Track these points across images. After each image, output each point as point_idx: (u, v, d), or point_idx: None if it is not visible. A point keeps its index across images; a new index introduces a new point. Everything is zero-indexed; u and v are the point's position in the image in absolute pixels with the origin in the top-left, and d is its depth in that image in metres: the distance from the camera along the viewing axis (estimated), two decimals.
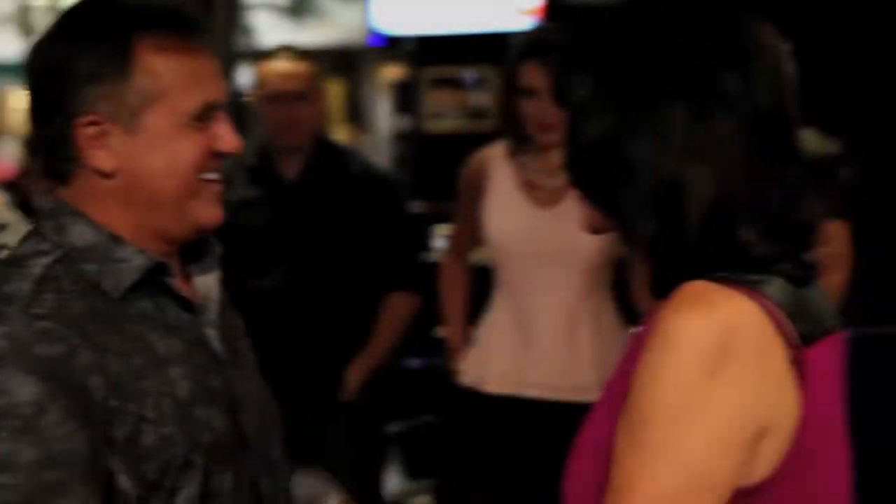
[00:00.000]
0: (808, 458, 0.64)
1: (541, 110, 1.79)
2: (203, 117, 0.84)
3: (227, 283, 0.96)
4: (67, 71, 0.82)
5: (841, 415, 0.72)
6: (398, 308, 2.24)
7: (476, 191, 1.97)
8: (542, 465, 0.85)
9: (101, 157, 0.81)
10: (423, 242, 2.57)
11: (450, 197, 2.19)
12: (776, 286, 0.65)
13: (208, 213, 0.86)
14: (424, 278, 2.26)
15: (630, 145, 0.66)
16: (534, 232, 1.86)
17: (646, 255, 0.71)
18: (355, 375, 2.19)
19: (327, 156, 2.32)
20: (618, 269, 1.88)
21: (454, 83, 4.37)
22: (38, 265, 0.81)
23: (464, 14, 4.99)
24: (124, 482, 0.79)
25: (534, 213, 1.89)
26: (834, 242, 2.29)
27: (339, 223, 2.19)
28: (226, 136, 0.85)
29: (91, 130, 0.80)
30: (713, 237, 0.66)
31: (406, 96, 5.46)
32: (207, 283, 0.91)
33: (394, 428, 2.69)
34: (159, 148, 0.82)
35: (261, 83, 2.35)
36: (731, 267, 0.65)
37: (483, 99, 4.10)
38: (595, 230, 0.74)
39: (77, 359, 0.76)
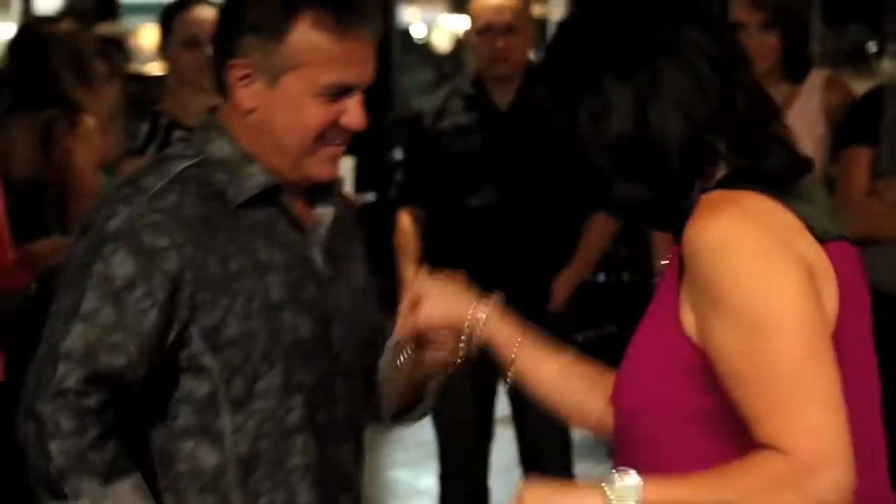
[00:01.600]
0: (844, 328, 0.73)
1: None
2: (336, 94, 0.93)
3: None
4: (238, 16, 0.94)
5: (869, 307, 0.80)
6: (600, 227, 2.46)
7: None
8: None
9: (243, 96, 0.94)
10: None
11: None
12: (776, 190, 0.74)
13: (320, 170, 0.96)
14: None
15: (580, 126, 0.78)
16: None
17: (638, 214, 0.85)
18: (563, 287, 2.44)
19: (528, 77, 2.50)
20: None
21: None
22: (177, 167, 0.96)
23: None
24: (208, 360, 0.92)
25: None
26: None
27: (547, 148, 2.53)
28: (353, 115, 0.95)
29: (240, 72, 0.93)
30: (692, 163, 0.75)
31: None
32: (325, 214, 1.01)
33: (581, 336, 3.00)
34: (289, 108, 0.93)
35: (473, 17, 2.56)
36: (725, 182, 0.76)
37: None
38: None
39: (177, 253, 0.89)
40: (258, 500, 0.96)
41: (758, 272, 0.69)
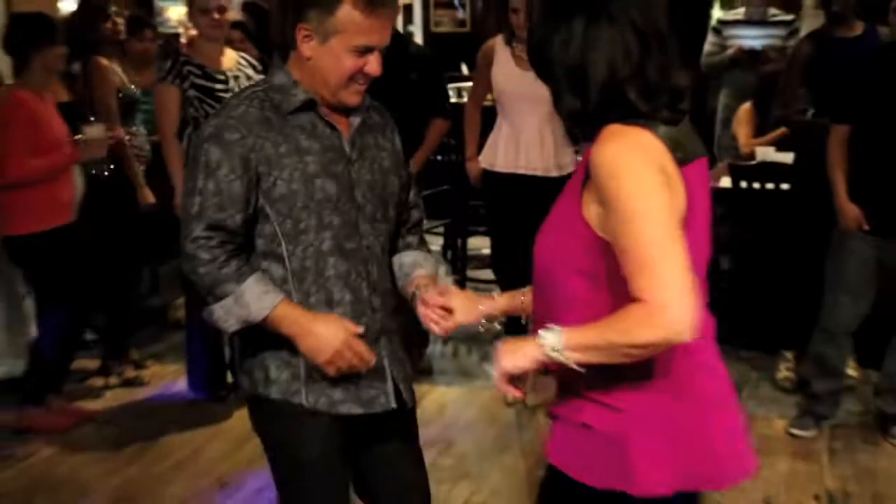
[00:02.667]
0: (692, 223, 1.08)
1: (520, 20, 3.01)
2: (363, 52, 1.38)
3: None
4: None
5: (709, 207, 1.19)
6: (437, 127, 3.21)
7: (488, 62, 3.21)
8: (533, 223, 1.30)
9: (304, 48, 1.38)
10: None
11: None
12: (659, 127, 1.07)
13: (350, 98, 1.43)
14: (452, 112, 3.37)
15: (552, 47, 1.11)
16: (520, 84, 2.97)
17: (577, 119, 1.15)
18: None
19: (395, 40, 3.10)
20: None
21: (450, 5, 7.33)
22: (250, 90, 1.47)
23: None
24: (268, 210, 1.42)
25: (520, 72, 2.96)
26: None
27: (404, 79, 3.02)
28: (373, 65, 1.41)
29: (303, 33, 1.37)
30: (615, 101, 1.08)
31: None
32: (354, 120, 1.49)
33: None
34: (332, 59, 1.38)
35: None
36: (632, 118, 1.07)
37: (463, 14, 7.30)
38: (556, 107, 1.19)
39: (245, 142, 1.38)
40: (309, 298, 1.47)
41: (635, 183, 1.03)
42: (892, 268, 2.66)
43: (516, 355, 1.14)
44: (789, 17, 4.47)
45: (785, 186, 3.28)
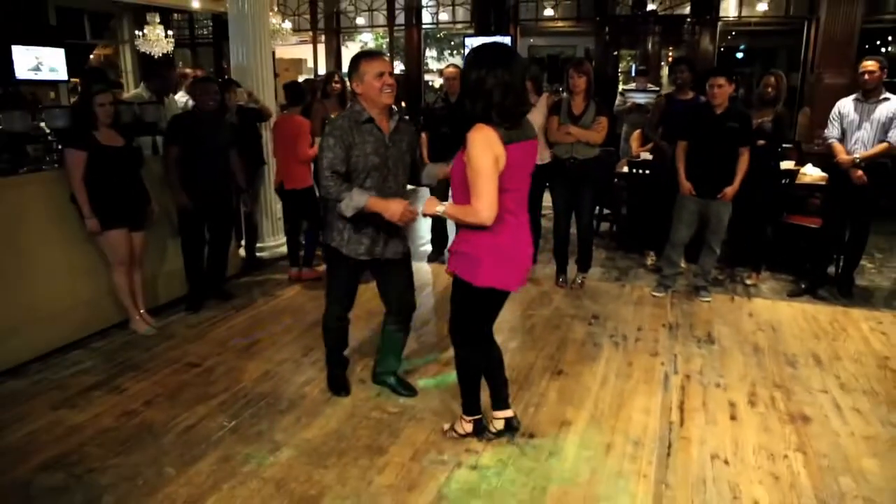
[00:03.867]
0: (512, 171, 2.51)
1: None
2: (380, 76, 2.93)
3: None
4: (353, 66, 3.00)
5: (532, 162, 2.65)
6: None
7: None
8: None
9: (357, 88, 2.97)
10: None
11: None
12: (501, 127, 2.46)
13: (386, 99, 2.96)
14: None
15: (464, 82, 2.53)
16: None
17: (466, 117, 2.50)
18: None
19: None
20: None
21: None
22: (345, 112, 3.09)
23: None
24: (352, 169, 3.00)
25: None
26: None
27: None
28: (388, 81, 2.94)
29: (356, 83, 2.98)
30: (483, 112, 2.46)
31: None
32: (392, 125, 3.07)
33: None
34: (368, 86, 2.94)
35: None
36: (491, 122, 2.46)
37: None
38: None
39: (342, 135, 2.95)
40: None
41: (478, 154, 2.44)
42: (705, 214, 4.92)
43: (430, 205, 2.64)
44: (657, 88, 7.82)
45: (647, 171, 5.90)
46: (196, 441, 3.11)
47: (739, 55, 11.89)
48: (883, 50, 11.57)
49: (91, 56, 12.11)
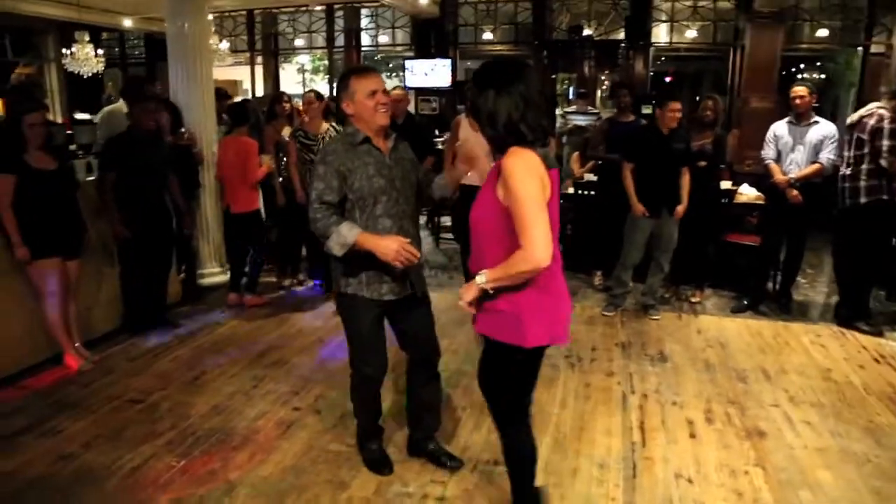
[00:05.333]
0: (553, 202, 2.05)
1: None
2: (373, 94, 2.56)
3: None
4: (341, 83, 2.65)
5: (558, 195, 2.15)
6: (429, 161, 5.53)
7: (457, 126, 4.91)
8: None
9: (348, 109, 2.62)
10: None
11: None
12: (537, 149, 2.03)
13: (381, 119, 2.58)
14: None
15: (478, 104, 2.06)
16: (473, 137, 3.15)
17: (494, 142, 2.08)
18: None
19: (408, 117, 5.92)
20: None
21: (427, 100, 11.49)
22: (338, 137, 2.75)
23: None
24: (349, 194, 2.58)
25: (475, 132, 3.17)
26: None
27: (415, 135, 5.25)
28: (382, 99, 2.57)
29: (346, 102, 2.61)
30: (513, 133, 2.02)
31: None
32: (389, 144, 2.67)
33: None
34: (360, 105, 2.58)
35: None
36: (523, 143, 2.01)
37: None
38: (481, 131, 2.12)
39: (336, 159, 2.56)
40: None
41: (521, 180, 1.92)
42: (657, 234, 4.95)
43: (469, 290, 2.07)
44: (596, 111, 8.11)
45: (593, 192, 6.02)
46: (143, 484, 2.90)
47: (667, 79, 12.35)
48: (798, 76, 12.29)
49: (11, 75, 11.50)
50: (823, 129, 4.97)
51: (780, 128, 5.14)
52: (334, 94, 3.28)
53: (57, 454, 3.13)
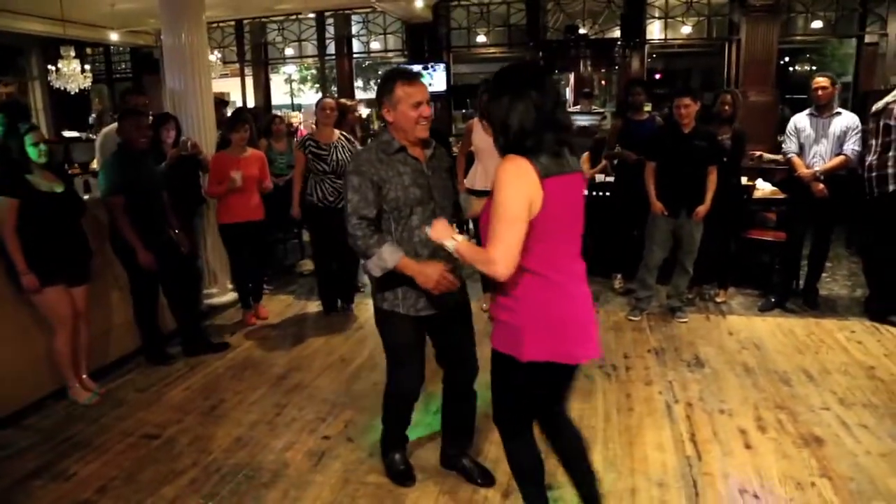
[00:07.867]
0: (554, 211, 1.94)
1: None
2: (417, 106, 2.40)
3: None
4: (385, 86, 2.44)
5: (580, 199, 2.11)
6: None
7: (469, 130, 4.92)
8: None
9: (388, 115, 2.44)
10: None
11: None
12: (539, 157, 1.93)
13: (421, 133, 2.44)
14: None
15: (493, 111, 1.99)
16: (487, 142, 4.29)
17: (500, 148, 2.01)
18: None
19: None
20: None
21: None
22: (371, 144, 2.55)
23: None
24: (385, 206, 2.44)
25: (487, 136, 4.05)
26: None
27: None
28: (425, 112, 2.41)
29: (386, 108, 2.44)
30: (516, 142, 1.95)
31: None
32: (427, 152, 2.52)
33: None
34: (402, 115, 2.41)
35: None
36: (526, 153, 1.93)
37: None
38: (494, 139, 2.05)
39: (370, 169, 2.42)
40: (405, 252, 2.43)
41: (502, 190, 1.91)
42: (678, 234, 4.82)
43: (441, 234, 2.13)
44: (601, 111, 8.29)
45: (608, 193, 5.84)
46: None
47: (657, 76, 12.25)
48: (790, 69, 12.24)
49: None
50: (846, 119, 4.83)
51: (801, 120, 5.00)
52: (352, 98, 3.11)
53: (71, 501, 2.89)
